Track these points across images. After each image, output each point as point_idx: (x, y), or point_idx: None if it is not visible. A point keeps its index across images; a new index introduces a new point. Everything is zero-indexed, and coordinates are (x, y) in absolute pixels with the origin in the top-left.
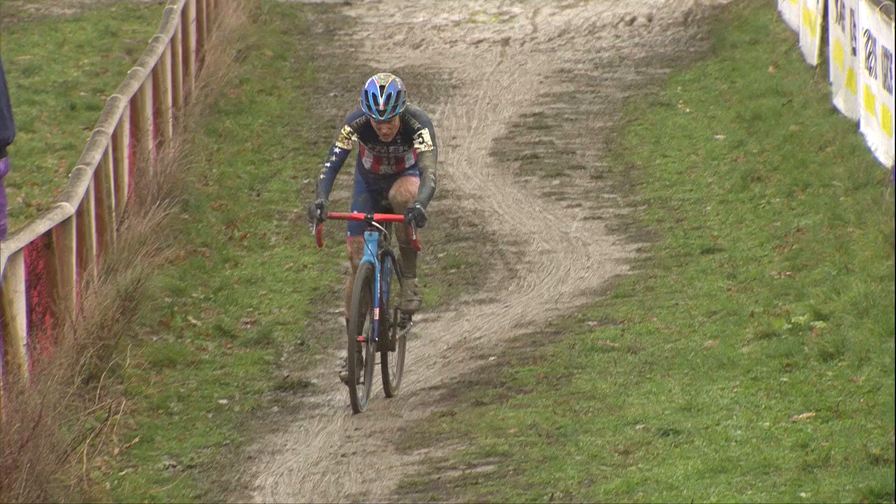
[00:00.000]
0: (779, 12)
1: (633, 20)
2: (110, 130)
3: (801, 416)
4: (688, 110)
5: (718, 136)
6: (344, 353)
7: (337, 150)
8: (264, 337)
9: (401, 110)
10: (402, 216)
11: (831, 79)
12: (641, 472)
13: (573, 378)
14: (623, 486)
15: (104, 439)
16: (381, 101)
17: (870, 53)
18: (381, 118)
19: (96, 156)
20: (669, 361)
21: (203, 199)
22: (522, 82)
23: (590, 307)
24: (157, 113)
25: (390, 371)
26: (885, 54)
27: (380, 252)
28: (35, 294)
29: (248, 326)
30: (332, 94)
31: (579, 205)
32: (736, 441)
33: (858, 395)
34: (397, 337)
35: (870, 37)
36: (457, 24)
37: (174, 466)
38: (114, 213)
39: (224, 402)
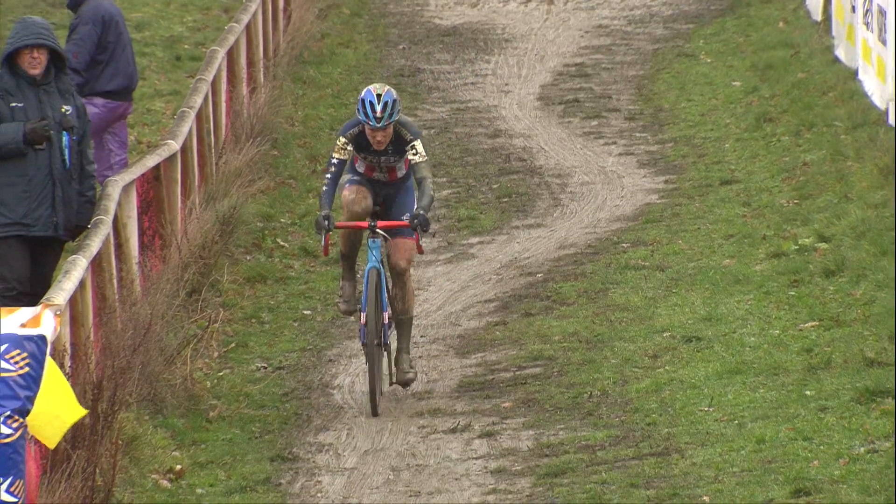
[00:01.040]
0: None
1: None
2: (210, 78)
3: (806, 325)
4: (709, 60)
5: (735, 83)
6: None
7: (335, 160)
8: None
9: (396, 118)
10: (405, 221)
11: (833, 33)
12: (668, 373)
13: (609, 292)
14: (652, 386)
15: (205, 344)
16: (379, 108)
17: (867, 11)
18: (378, 125)
19: (198, 100)
20: (692, 278)
21: (289, 137)
22: (566, 36)
23: (624, 231)
24: (251, 63)
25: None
26: (881, 11)
27: (382, 257)
28: (146, 219)
29: (330, 247)
30: (400, 47)
31: (615, 142)
32: (750, 347)
33: (856, 306)
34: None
35: None
36: None
37: (265, 368)
38: (213, 150)
39: (308, 312)
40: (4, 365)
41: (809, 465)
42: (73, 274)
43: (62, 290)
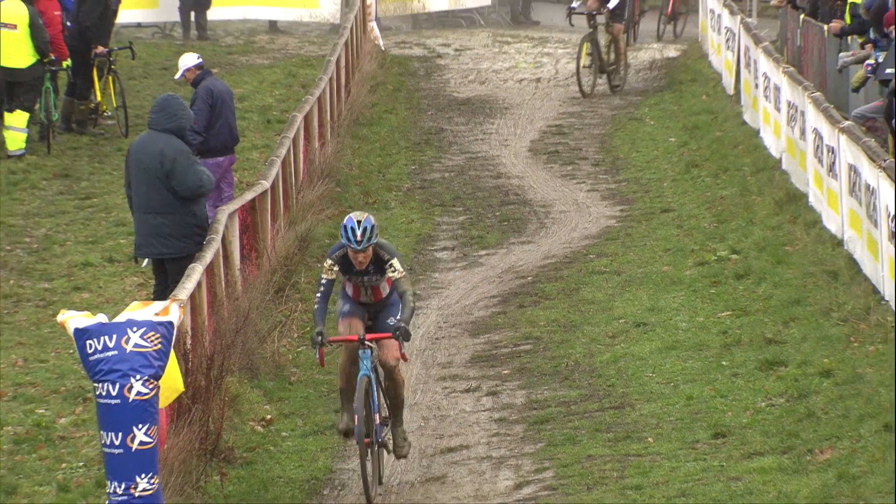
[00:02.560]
0: (709, 61)
1: (618, 92)
2: (291, 135)
3: (723, 314)
4: (652, 123)
5: (671, 139)
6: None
7: (324, 281)
8: None
9: (374, 241)
10: (389, 334)
11: (742, 103)
12: (623, 349)
13: (580, 290)
14: (611, 358)
15: (288, 328)
16: (359, 233)
17: (766, 87)
18: (359, 248)
19: (283, 151)
20: (641, 280)
21: (349, 178)
22: (549, 105)
23: (590, 246)
24: (321, 124)
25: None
26: (775, 88)
27: (372, 366)
28: (245, 238)
29: None
30: (429, 113)
31: (584, 182)
32: (682, 330)
33: (758, 301)
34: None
35: (766, 77)
36: (507, 68)
37: (330, 345)
38: (293, 187)
39: None
40: (143, 342)
41: (725, 415)
42: (192, 277)
43: (184, 289)
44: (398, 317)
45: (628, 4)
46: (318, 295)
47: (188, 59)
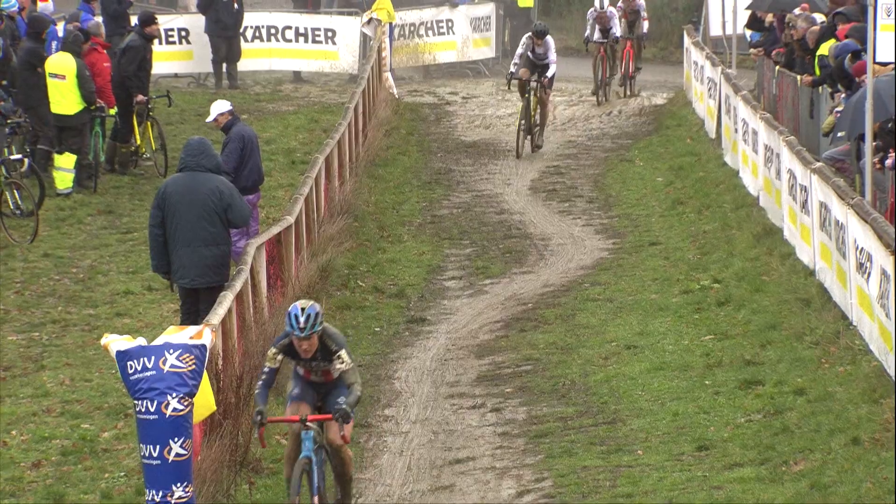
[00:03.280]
0: (693, 108)
1: (610, 113)
2: (313, 175)
3: (705, 337)
4: (641, 164)
5: (659, 179)
6: None
7: (266, 369)
8: (401, 292)
9: (318, 329)
10: (330, 415)
11: (723, 146)
12: (615, 369)
13: (576, 316)
14: (604, 377)
15: None
16: (302, 320)
17: (745, 131)
18: (302, 335)
19: (305, 190)
20: (631, 306)
21: (366, 214)
22: (547, 148)
23: (585, 276)
24: (341, 165)
25: None
26: (753, 132)
27: (315, 447)
28: (271, 268)
29: (392, 286)
30: (438, 155)
31: (580, 217)
32: (668, 352)
33: (738, 325)
34: None
35: (744, 122)
36: (510, 114)
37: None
38: (315, 222)
39: (378, 329)
40: (179, 363)
41: (708, 430)
42: (223, 304)
43: (216, 315)
44: (343, 400)
45: (623, 60)
46: (260, 382)
47: (220, 106)
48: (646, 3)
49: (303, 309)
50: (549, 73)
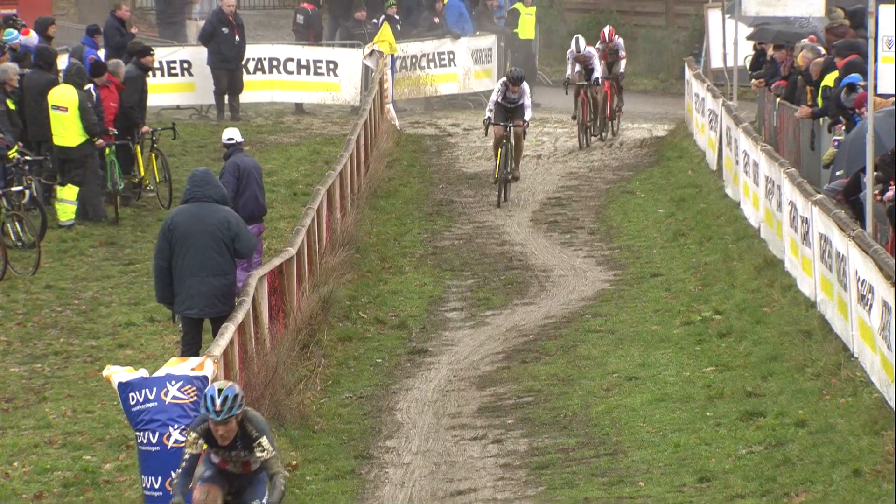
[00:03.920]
0: (694, 140)
1: (611, 144)
2: (315, 207)
3: (707, 369)
4: (642, 195)
5: (660, 210)
6: None
7: (186, 456)
8: (402, 324)
9: (237, 412)
10: None
11: (724, 178)
12: (616, 401)
13: (577, 347)
14: (605, 409)
15: (312, 381)
16: (219, 402)
17: (746, 163)
18: (218, 419)
19: (307, 221)
20: (632, 338)
21: (367, 245)
22: (549, 179)
23: (587, 307)
24: (342, 197)
25: None
26: (754, 164)
27: None
28: (273, 299)
29: (393, 318)
30: (440, 186)
31: (581, 249)
32: (670, 383)
33: (739, 357)
34: None
35: (745, 154)
36: None
37: (351, 397)
38: (317, 254)
39: (379, 360)
40: (181, 395)
41: (709, 461)
42: (225, 335)
43: (218, 346)
44: (264, 500)
45: (602, 101)
46: (180, 469)
47: (224, 134)
48: (643, 36)
49: (220, 390)
50: (527, 118)
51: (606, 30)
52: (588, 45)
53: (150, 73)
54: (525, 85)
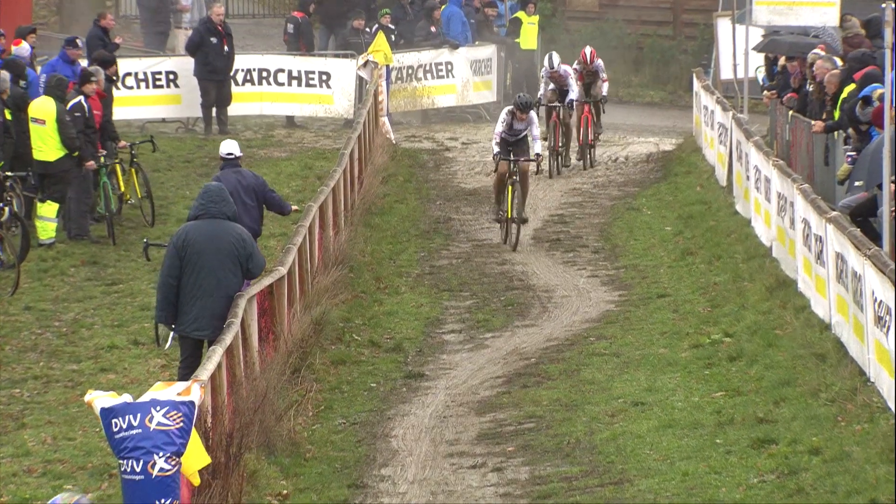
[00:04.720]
0: (703, 154)
1: (616, 159)
2: (307, 224)
3: (716, 394)
4: (649, 212)
5: (667, 228)
6: None
7: None
8: (398, 346)
9: None
10: None
11: (734, 194)
12: (622, 427)
13: (581, 371)
14: (611, 436)
15: (303, 407)
16: None
17: (757, 179)
18: None
19: (299, 239)
20: (638, 361)
21: (361, 265)
22: (551, 196)
23: (591, 329)
24: (335, 213)
25: None
26: (766, 179)
27: None
28: (263, 321)
29: (388, 340)
30: (437, 203)
31: (585, 268)
32: (678, 409)
33: (750, 381)
34: None
35: (757, 169)
36: None
37: (344, 423)
38: (309, 273)
39: (374, 385)
40: (166, 421)
41: (719, 491)
42: (213, 359)
43: (205, 370)
44: None
45: (580, 127)
46: None
47: (222, 147)
48: (650, 45)
49: None
50: (538, 150)
51: (588, 51)
52: (563, 63)
53: (115, 84)
54: (534, 114)
